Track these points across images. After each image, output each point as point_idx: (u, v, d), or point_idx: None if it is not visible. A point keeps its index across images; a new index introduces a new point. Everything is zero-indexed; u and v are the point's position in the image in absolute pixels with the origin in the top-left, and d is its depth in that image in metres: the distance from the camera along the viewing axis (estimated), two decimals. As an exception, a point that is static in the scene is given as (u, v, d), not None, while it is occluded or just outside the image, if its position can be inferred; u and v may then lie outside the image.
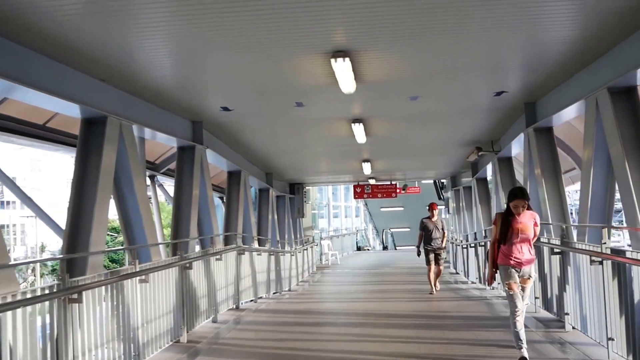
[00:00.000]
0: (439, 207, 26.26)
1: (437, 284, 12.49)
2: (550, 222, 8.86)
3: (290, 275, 16.57)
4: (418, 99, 9.09)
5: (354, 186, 22.07)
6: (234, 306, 10.58)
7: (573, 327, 7.15)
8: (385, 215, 40.79)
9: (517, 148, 11.69)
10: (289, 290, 15.80)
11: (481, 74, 7.94)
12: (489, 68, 7.70)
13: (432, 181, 28.66)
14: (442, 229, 12.19)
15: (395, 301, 11.93)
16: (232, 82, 8.03)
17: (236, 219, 12.59)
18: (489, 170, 14.75)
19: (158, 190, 13.00)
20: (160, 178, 12.79)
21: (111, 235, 32.45)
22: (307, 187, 23.88)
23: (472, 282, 15.22)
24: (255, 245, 13.59)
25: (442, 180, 24.18)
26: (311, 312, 10.79)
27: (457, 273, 18.75)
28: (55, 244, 37.14)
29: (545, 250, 8.16)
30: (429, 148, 14.04)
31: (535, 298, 8.59)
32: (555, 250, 7.55)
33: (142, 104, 8.36)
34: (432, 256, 12.16)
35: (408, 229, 40.70)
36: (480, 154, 12.79)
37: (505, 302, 7.15)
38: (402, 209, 38.98)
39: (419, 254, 12.87)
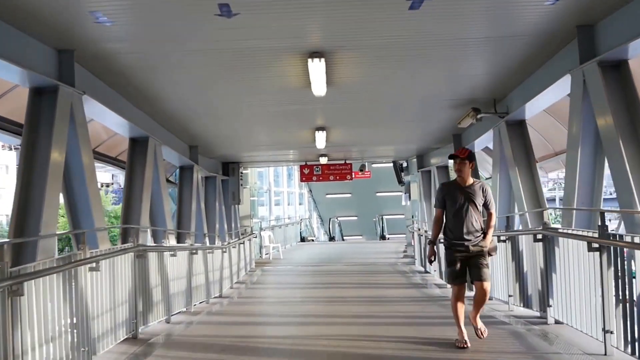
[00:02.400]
0: (401, 193, 22.92)
1: (478, 321, 6.17)
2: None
3: (222, 276, 12.93)
4: (422, 5, 5.55)
5: (301, 167, 18.42)
6: (130, 335, 6.90)
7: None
8: (331, 202, 37.65)
9: (543, 103, 8.47)
10: (220, 296, 12.28)
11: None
12: None
13: (387, 164, 25.68)
14: (486, 205, 6.02)
15: (362, 322, 8.38)
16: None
17: (139, 206, 8.78)
18: (483, 141, 11.41)
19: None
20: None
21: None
22: (245, 169, 20.14)
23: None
24: (171, 241, 9.88)
25: (401, 163, 20.88)
26: (243, 342, 7.15)
27: (426, 272, 15.47)
28: None
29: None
30: (408, 107, 10.45)
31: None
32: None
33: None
34: (459, 265, 5.94)
35: (355, 218, 37.95)
36: (479, 116, 9.39)
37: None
38: (349, 195, 35.92)
39: (431, 260, 6.20)
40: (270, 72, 7.72)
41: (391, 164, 22.28)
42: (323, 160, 16.98)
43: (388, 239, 31.36)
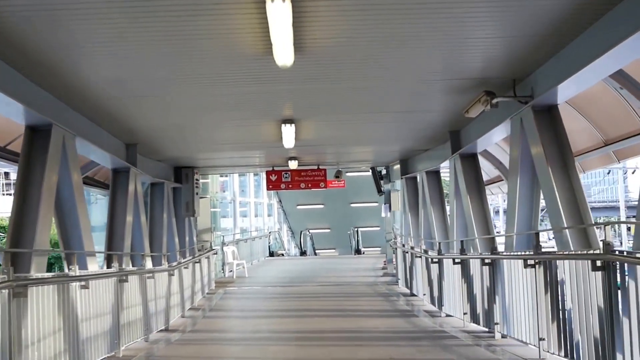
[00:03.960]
0: (376, 204, 20.75)
1: None
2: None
3: (169, 304, 10.48)
4: None
5: (268, 173, 15.98)
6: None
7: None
8: (302, 213, 35.32)
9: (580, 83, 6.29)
10: (166, 329, 9.97)
11: None
12: None
13: (363, 172, 23.46)
14: None
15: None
16: None
17: (33, 218, 6.30)
18: (489, 139, 9.21)
19: None
20: None
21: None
22: (203, 176, 17.67)
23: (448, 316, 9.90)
24: (92, 266, 7.46)
25: (381, 170, 18.62)
26: None
27: (412, 294, 13.24)
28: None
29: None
30: (396, 90, 8.04)
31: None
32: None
33: None
34: None
35: (329, 230, 35.70)
36: (494, 101, 7.15)
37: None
38: (322, 206, 33.67)
39: None
40: (215, 26, 5.36)
41: (368, 172, 20.06)
42: (293, 165, 14.59)
43: (363, 253, 29.38)
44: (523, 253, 6.95)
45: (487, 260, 8.01)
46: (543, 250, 6.51)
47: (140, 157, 10.93)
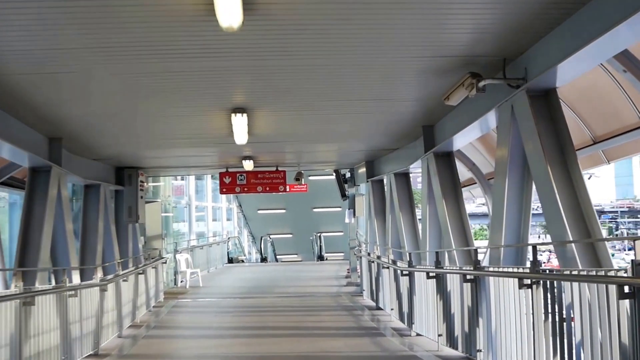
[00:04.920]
0: (339, 209, 19.64)
1: None
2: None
3: (100, 324, 9.03)
4: None
5: (221, 175, 14.55)
6: None
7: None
8: (263, 218, 33.96)
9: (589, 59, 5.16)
10: (95, 354, 8.51)
11: None
12: None
13: (325, 176, 22.25)
14: None
15: None
16: None
17: None
18: (468, 135, 8.00)
19: None
20: None
21: None
22: (153, 178, 16.20)
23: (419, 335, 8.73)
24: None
25: (345, 173, 17.41)
26: None
27: (378, 308, 12.04)
28: None
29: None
30: (363, 70, 6.72)
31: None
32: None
33: None
34: None
35: (291, 236, 34.42)
36: (481, 84, 5.95)
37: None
38: (284, 211, 32.39)
39: None
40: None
41: (332, 176, 18.85)
42: (248, 166, 13.20)
43: (327, 259, 28.22)
44: (517, 270, 5.67)
45: (469, 276, 6.81)
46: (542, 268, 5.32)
47: (69, 154, 9.45)
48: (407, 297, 9.61)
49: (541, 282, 5.18)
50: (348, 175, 16.93)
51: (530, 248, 5.80)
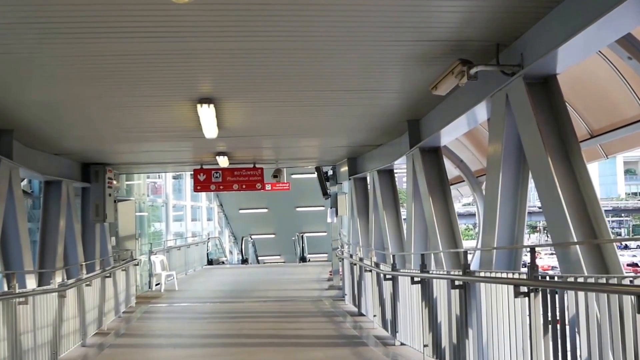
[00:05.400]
0: (323, 208, 18.99)
1: None
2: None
3: (59, 334, 8.29)
4: None
5: (195, 172, 13.80)
6: None
7: None
8: (245, 218, 33.22)
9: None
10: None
11: None
12: None
13: (308, 174, 21.60)
14: None
15: None
16: None
17: None
18: (470, 122, 7.30)
19: None
20: None
21: None
22: (125, 176, 15.42)
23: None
24: None
25: (326, 170, 16.76)
26: None
27: (360, 314, 11.39)
28: None
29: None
30: (342, 56, 5.96)
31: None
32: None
33: None
34: None
35: (273, 236, 33.71)
36: (472, 72, 5.29)
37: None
38: (266, 211, 31.70)
39: None
40: None
41: (314, 174, 18.16)
42: (222, 162, 12.46)
43: (309, 260, 27.57)
44: (513, 277, 4.99)
45: (457, 282, 6.16)
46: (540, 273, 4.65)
47: (24, 148, 8.67)
48: (390, 303, 8.96)
49: (540, 290, 4.53)
50: (330, 172, 16.29)
51: (525, 251, 5.26)
